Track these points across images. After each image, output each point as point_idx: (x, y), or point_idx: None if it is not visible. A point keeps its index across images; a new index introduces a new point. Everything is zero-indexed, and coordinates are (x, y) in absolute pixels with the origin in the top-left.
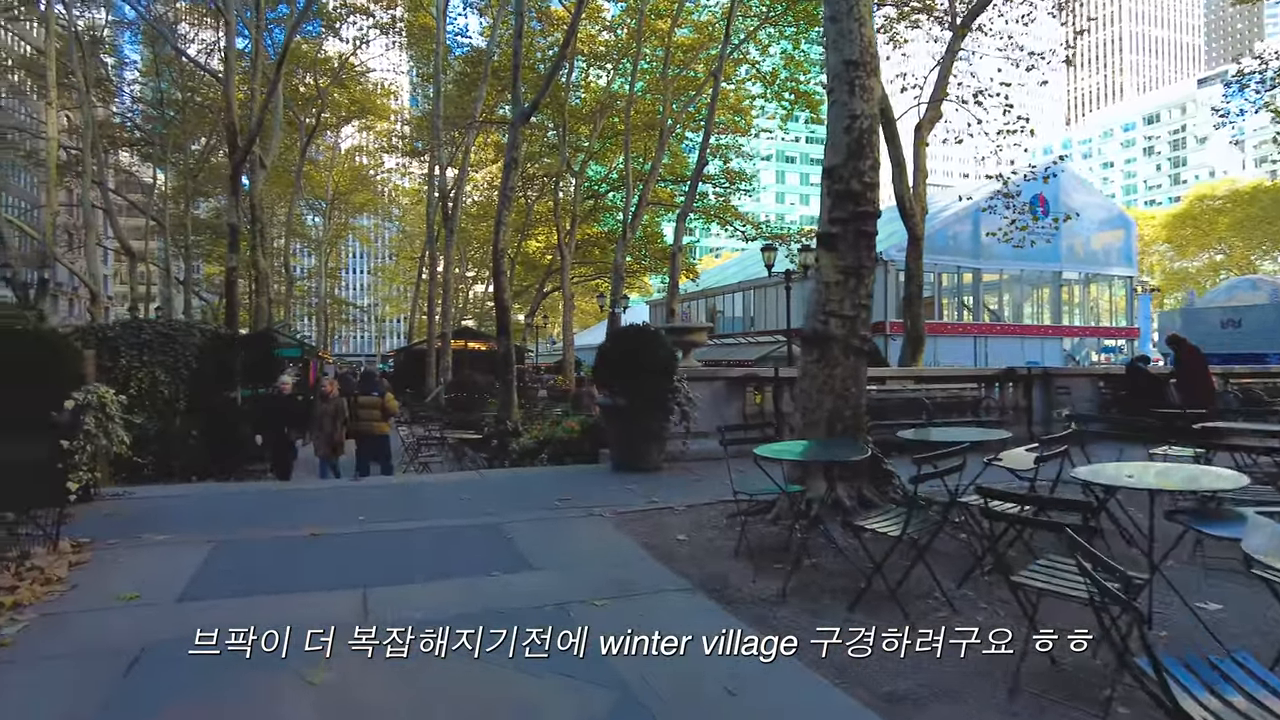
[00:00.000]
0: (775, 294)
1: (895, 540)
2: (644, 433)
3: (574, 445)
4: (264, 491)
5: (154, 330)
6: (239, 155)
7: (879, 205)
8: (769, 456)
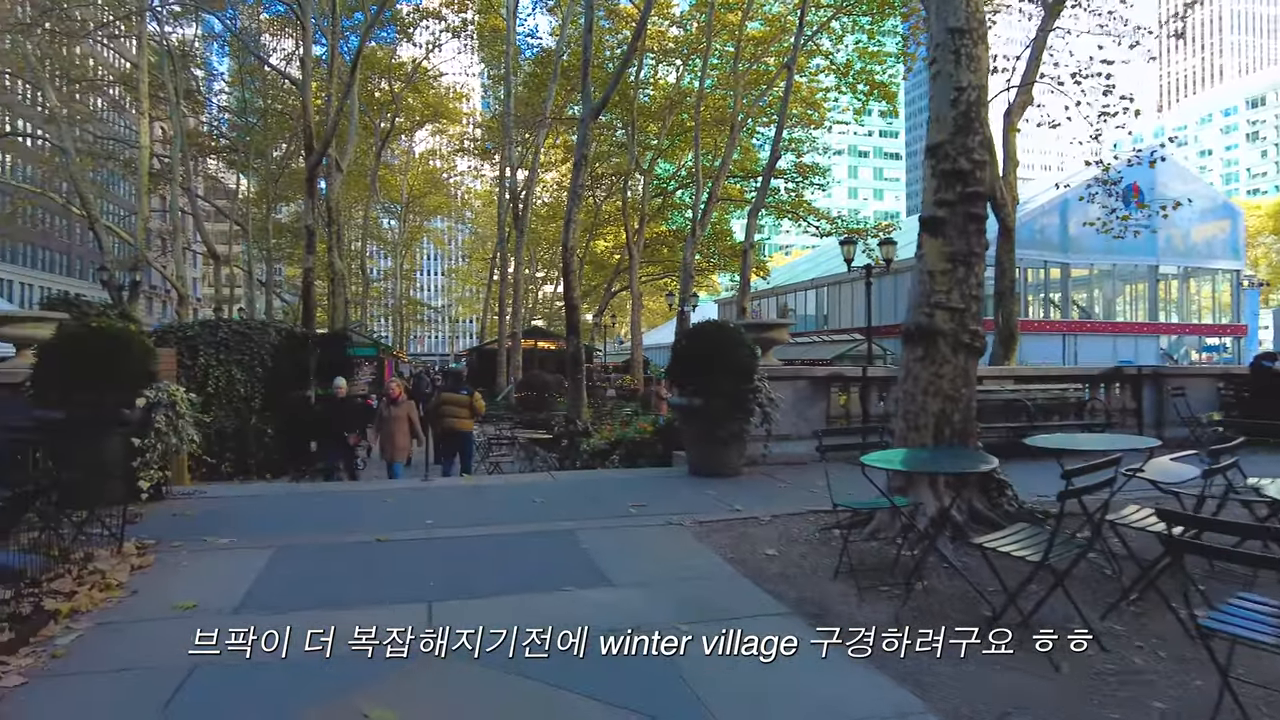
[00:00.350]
0: (851, 290)
1: (1035, 567)
2: (722, 435)
3: (646, 447)
4: (333, 493)
5: (230, 329)
6: (314, 158)
7: (990, 186)
8: (881, 466)
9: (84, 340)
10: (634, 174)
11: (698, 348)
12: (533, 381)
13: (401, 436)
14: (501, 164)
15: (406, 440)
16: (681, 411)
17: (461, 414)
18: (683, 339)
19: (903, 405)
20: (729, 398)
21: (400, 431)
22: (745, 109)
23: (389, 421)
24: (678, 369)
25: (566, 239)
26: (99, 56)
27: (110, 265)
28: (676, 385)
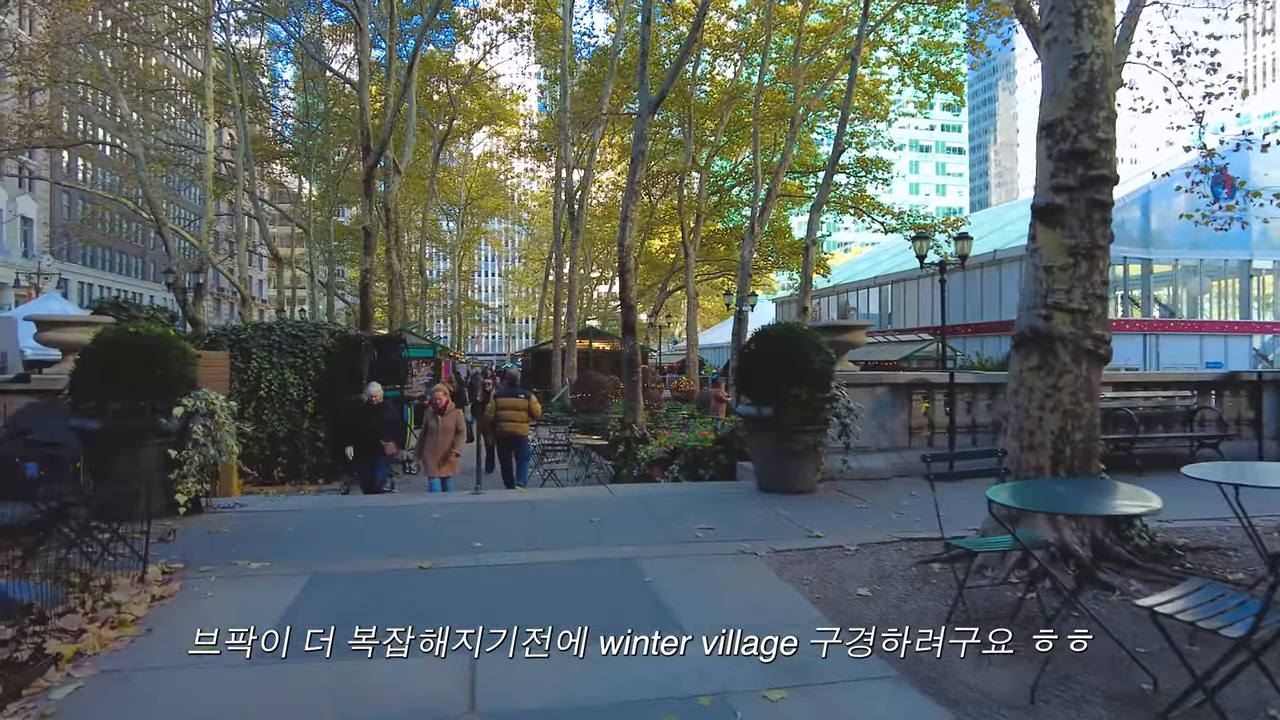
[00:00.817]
0: (917, 288)
1: (1235, 644)
2: (796, 449)
3: (707, 456)
4: (379, 508)
5: (283, 332)
6: (372, 160)
7: (1116, 169)
8: (1022, 507)
9: (120, 346)
10: (690, 171)
11: (768, 352)
12: (587, 383)
13: (448, 449)
14: (557, 164)
15: (453, 454)
16: (749, 421)
17: (518, 418)
18: (751, 343)
19: (1015, 421)
20: (803, 407)
21: (446, 444)
22: (805, 102)
23: (435, 433)
24: (745, 375)
25: (622, 237)
26: (171, 67)
27: (176, 268)
28: (743, 392)
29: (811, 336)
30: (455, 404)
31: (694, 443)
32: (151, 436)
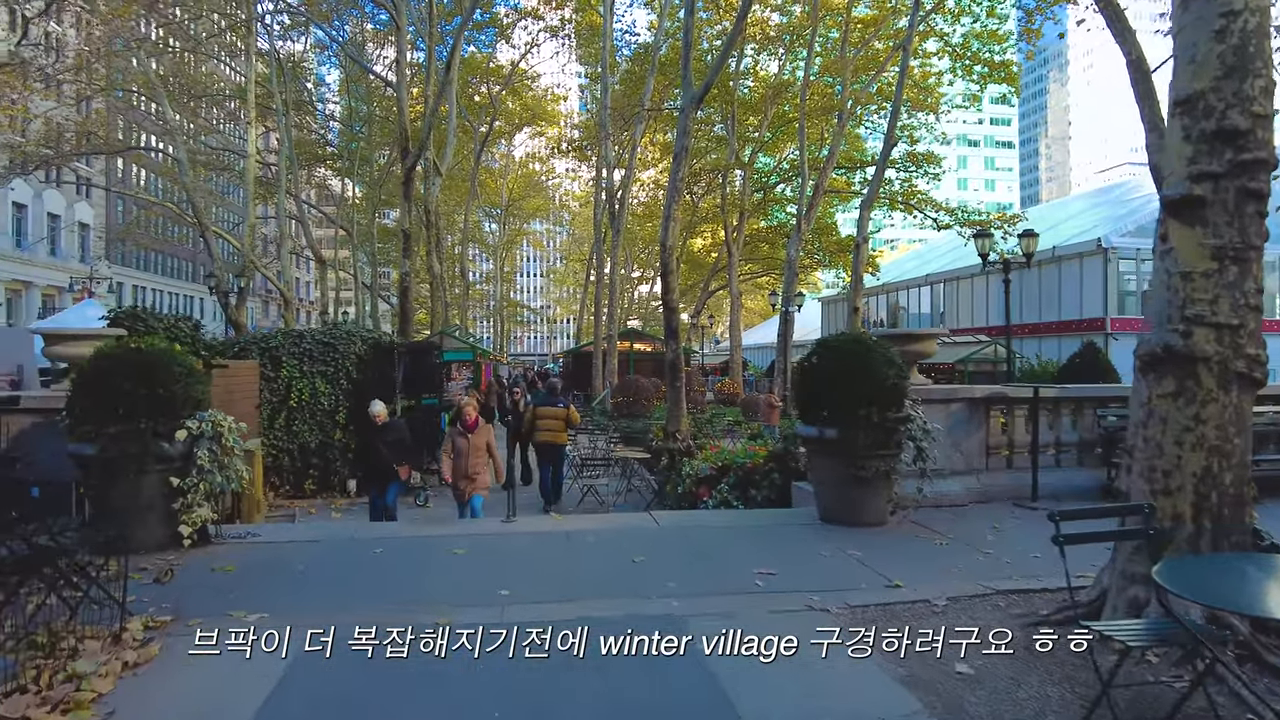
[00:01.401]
0: (970, 287)
1: None
2: (865, 475)
3: (759, 475)
4: (399, 540)
5: (314, 339)
6: (410, 161)
7: (1276, 151)
8: (1208, 604)
9: (118, 362)
10: (734, 168)
11: (833, 365)
12: (629, 387)
13: (480, 471)
14: (598, 163)
15: (486, 475)
16: (811, 444)
17: (557, 427)
18: (813, 355)
19: (1143, 458)
20: (874, 430)
21: (478, 464)
22: (853, 95)
23: (465, 454)
24: (806, 391)
25: (665, 237)
26: (219, 74)
27: (219, 271)
28: (803, 411)
29: (882, 349)
30: (490, 412)
31: (744, 459)
32: (151, 463)
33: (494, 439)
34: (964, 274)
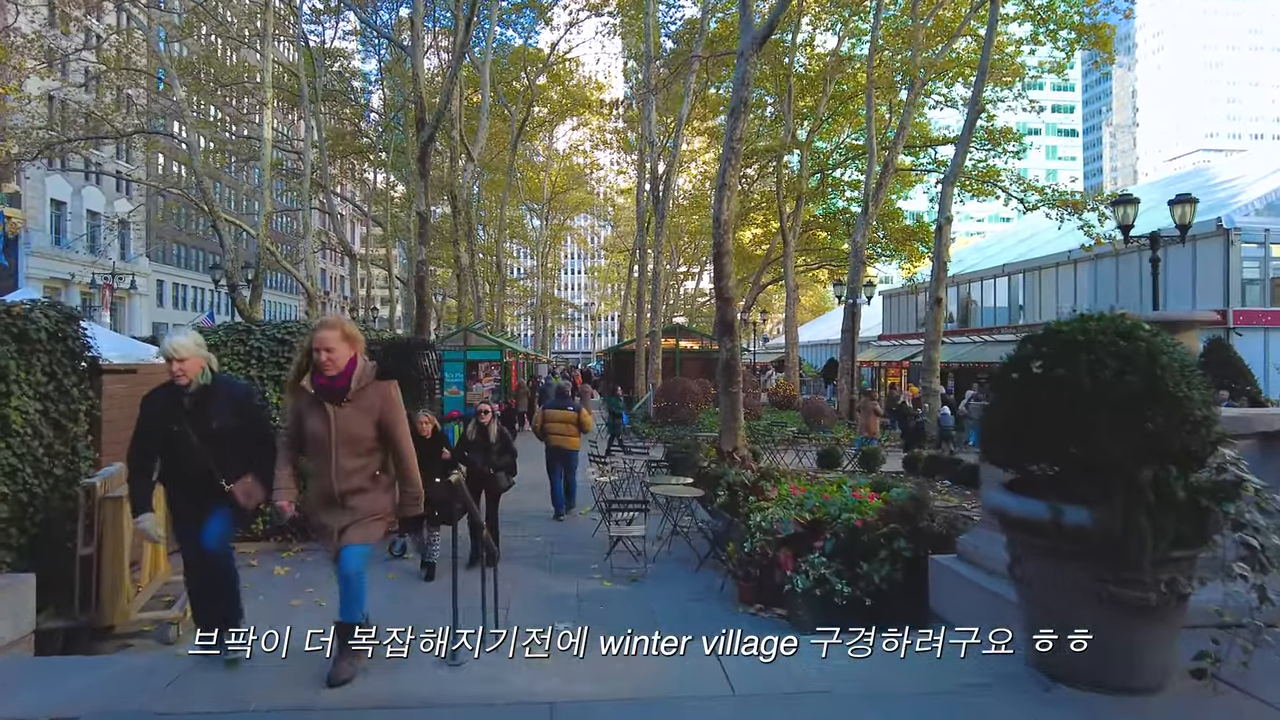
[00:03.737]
0: (1055, 277)
1: None
2: (1149, 601)
3: (877, 545)
4: None
5: (265, 336)
6: (426, 134)
7: None
8: None
9: None
10: (789, 150)
11: (1080, 379)
12: (674, 390)
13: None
14: (640, 145)
15: (380, 498)
16: (1028, 529)
17: (569, 431)
18: (1032, 357)
19: None
20: (1174, 508)
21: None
22: (925, 64)
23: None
24: (1011, 422)
25: (719, 210)
26: (254, 62)
27: (229, 264)
28: (1004, 456)
29: (1174, 352)
30: (514, 421)
31: (847, 516)
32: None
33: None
34: (1046, 263)
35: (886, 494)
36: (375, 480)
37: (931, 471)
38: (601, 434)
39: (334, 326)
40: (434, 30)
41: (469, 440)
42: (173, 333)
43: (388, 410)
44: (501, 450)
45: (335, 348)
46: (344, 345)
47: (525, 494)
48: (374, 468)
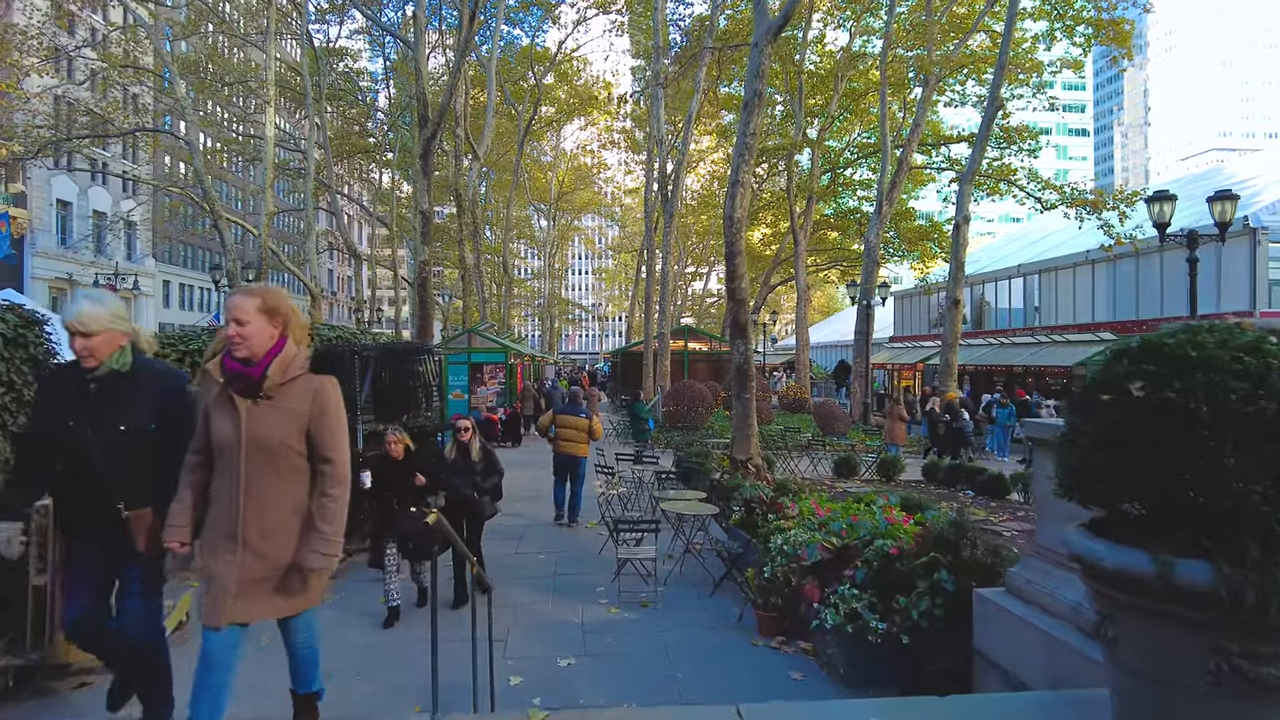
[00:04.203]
0: (1072, 278)
1: None
2: (1269, 682)
3: (914, 574)
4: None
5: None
6: (429, 132)
7: None
8: None
9: None
10: (800, 148)
11: (1195, 402)
12: (684, 394)
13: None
14: (648, 142)
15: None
16: (1127, 585)
17: (579, 438)
18: (1127, 374)
19: None
20: None
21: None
22: (939, 61)
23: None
24: (1105, 458)
25: (731, 209)
26: (261, 63)
27: (230, 264)
28: (1095, 498)
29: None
30: (516, 425)
31: (878, 536)
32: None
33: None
34: (1063, 264)
35: (921, 516)
36: (297, 513)
37: (952, 481)
38: (612, 440)
39: (253, 294)
40: (440, 29)
41: (448, 461)
42: (82, 296)
43: (321, 415)
44: (486, 471)
45: (249, 320)
46: (262, 320)
47: (527, 504)
48: (302, 496)
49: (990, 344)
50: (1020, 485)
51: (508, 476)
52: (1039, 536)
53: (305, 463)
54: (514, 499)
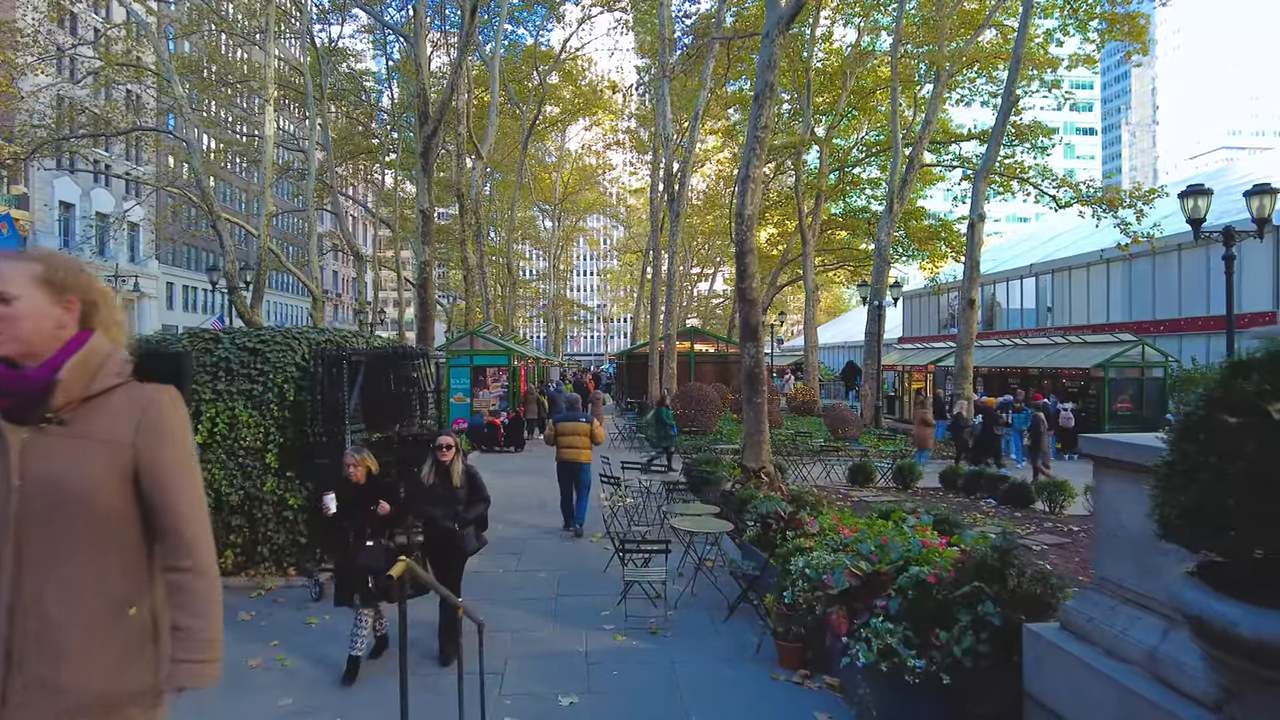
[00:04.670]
0: (1086, 277)
1: None
2: None
3: (954, 605)
4: None
5: (236, 345)
6: (429, 129)
7: None
8: None
9: None
10: (808, 146)
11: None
12: (691, 397)
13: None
14: (655, 140)
15: None
16: (1264, 660)
17: (580, 444)
18: (1262, 400)
19: None
20: None
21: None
22: (951, 56)
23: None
24: (1231, 495)
25: (742, 206)
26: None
27: (228, 265)
28: (1210, 543)
29: None
30: (520, 429)
31: (912, 561)
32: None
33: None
34: (1076, 263)
35: (958, 538)
36: (118, 613)
37: (972, 489)
38: (618, 445)
39: (28, 260)
40: (445, 30)
41: (426, 486)
42: None
43: (156, 447)
44: (471, 499)
45: (17, 295)
46: (41, 298)
47: (529, 514)
48: (123, 581)
49: (1004, 345)
50: (1045, 495)
51: (509, 483)
52: (1100, 567)
53: (124, 522)
54: (515, 508)
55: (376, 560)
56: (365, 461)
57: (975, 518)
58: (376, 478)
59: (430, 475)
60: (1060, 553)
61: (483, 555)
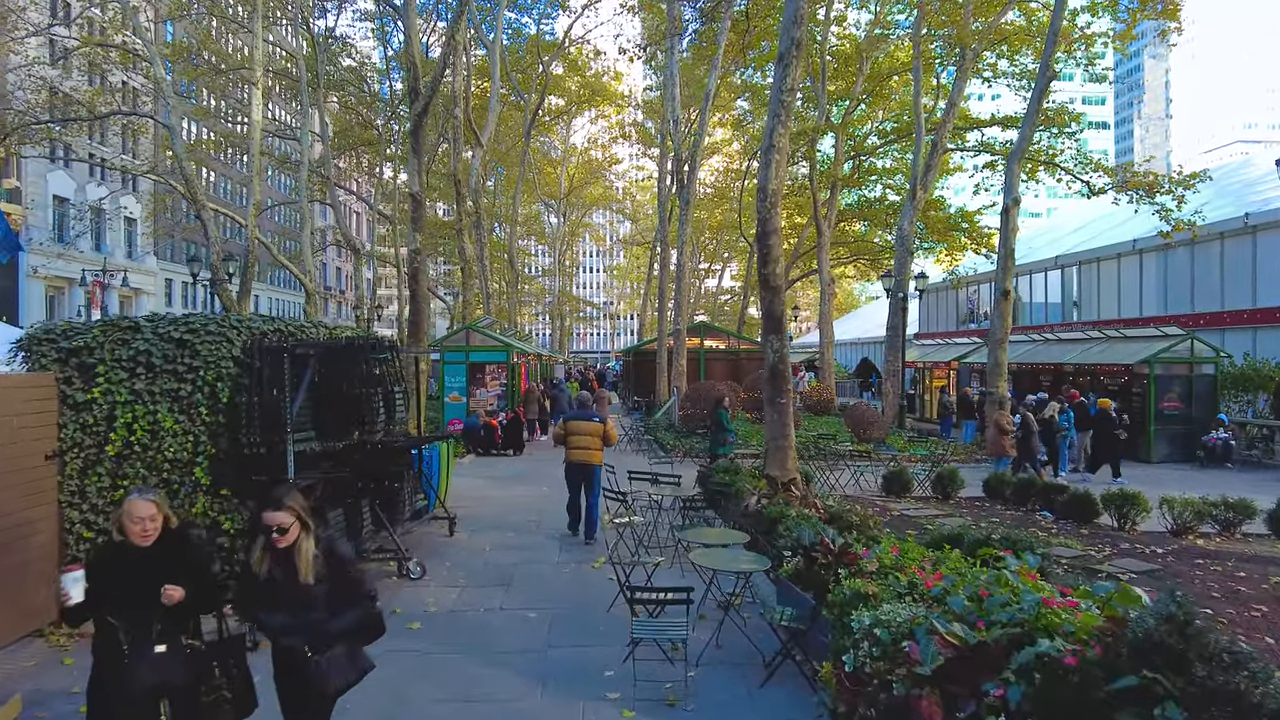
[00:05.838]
0: (1116, 269)
1: None
2: None
3: (1103, 699)
4: None
5: (157, 334)
6: (420, 106)
7: None
8: None
9: None
10: (824, 132)
11: None
12: (700, 395)
13: None
14: (663, 127)
15: None
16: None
17: (592, 445)
18: None
19: None
20: None
21: None
22: (977, 35)
23: None
24: None
25: (765, 179)
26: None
27: (214, 256)
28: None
29: None
30: (519, 430)
31: (1031, 625)
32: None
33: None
34: (1106, 254)
35: (1084, 590)
36: None
37: (1022, 499)
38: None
39: None
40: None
41: (257, 583)
42: None
43: None
44: (336, 599)
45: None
46: None
47: (522, 533)
48: None
49: (1032, 340)
50: (1114, 508)
51: (504, 493)
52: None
53: None
54: (509, 524)
55: (158, 677)
56: (160, 509)
57: (1036, 535)
58: (175, 537)
59: (263, 565)
60: (1152, 582)
61: (465, 588)
